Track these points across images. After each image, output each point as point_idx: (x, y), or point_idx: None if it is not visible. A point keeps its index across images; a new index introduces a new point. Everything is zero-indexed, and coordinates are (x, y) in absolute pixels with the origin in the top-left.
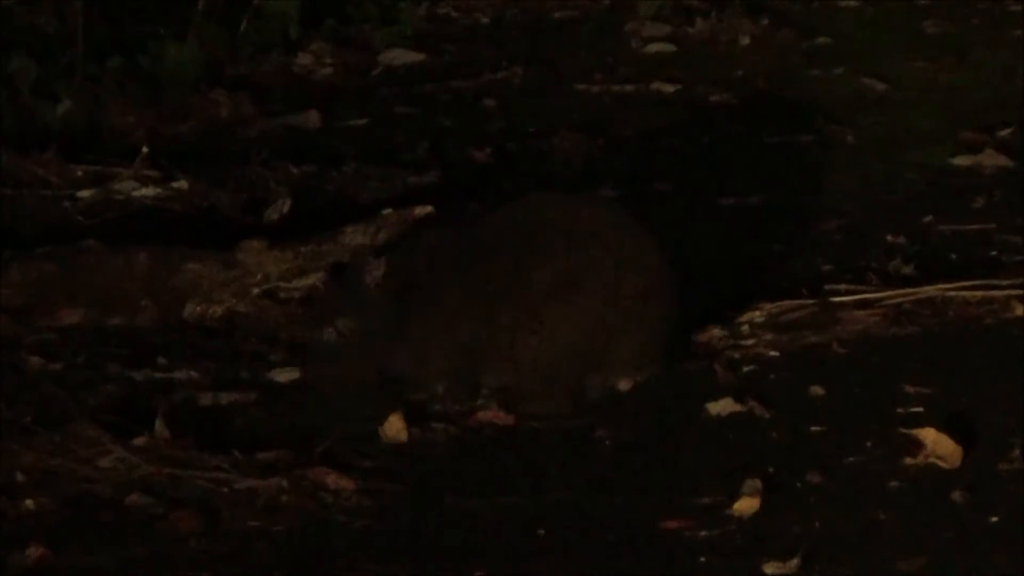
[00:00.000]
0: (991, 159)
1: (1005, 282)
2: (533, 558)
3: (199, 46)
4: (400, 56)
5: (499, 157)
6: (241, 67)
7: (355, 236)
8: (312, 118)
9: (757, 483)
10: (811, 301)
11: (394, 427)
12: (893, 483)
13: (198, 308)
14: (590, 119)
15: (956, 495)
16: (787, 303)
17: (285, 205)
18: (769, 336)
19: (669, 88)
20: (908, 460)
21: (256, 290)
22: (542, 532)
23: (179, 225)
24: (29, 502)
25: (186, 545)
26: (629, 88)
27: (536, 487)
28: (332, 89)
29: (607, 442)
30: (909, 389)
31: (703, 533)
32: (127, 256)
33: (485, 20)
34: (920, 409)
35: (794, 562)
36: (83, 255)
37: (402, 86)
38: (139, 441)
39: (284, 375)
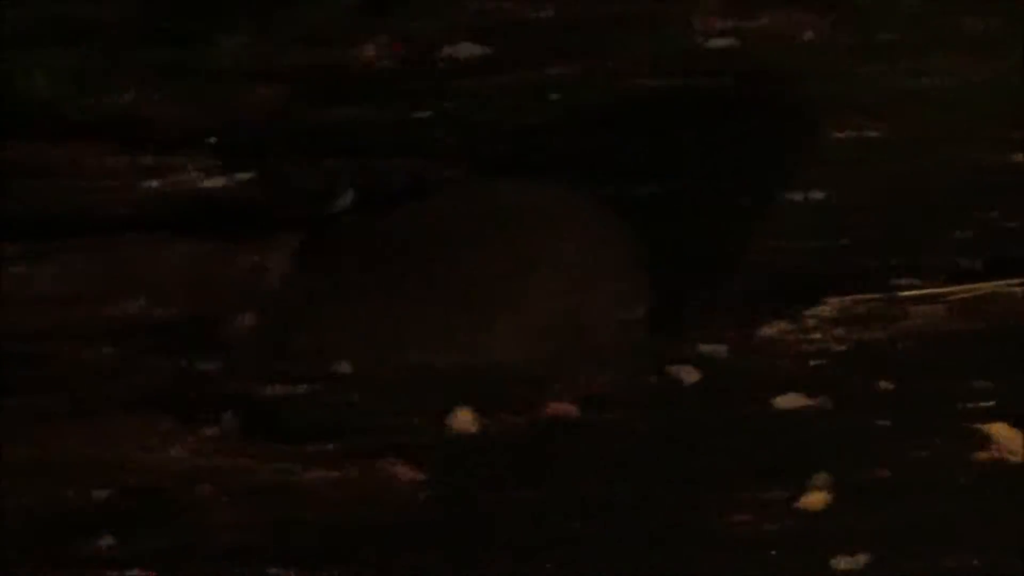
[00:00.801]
0: None
1: None
2: (600, 551)
3: (253, 38)
4: (463, 49)
5: (562, 151)
6: (296, 58)
7: None
8: (374, 111)
9: (825, 478)
10: (878, 296)
11: (463, 419)
12: (962, 478)
13: None
14: (652, 113)
15: None
16: (854, 297)
17: (348, 197)
18: (836, 330)
19: (732, 82)
20: (977, 455)
21: None
22: (609, 525)
23: (244, 216)
24: (99, 492)
25: (255, 535)
26: (692, 82)
27: (603, 480)
28: (395, 81)
29: (674, 436)
30: (977, 384)
31: (770, 527)
32: (190, 246)
33: (548, 14)
34: (989, 404)
35: (863, 557)
36: (150, 244)
37: (465, 79)
38: (208, 431)
39: (349, 366)
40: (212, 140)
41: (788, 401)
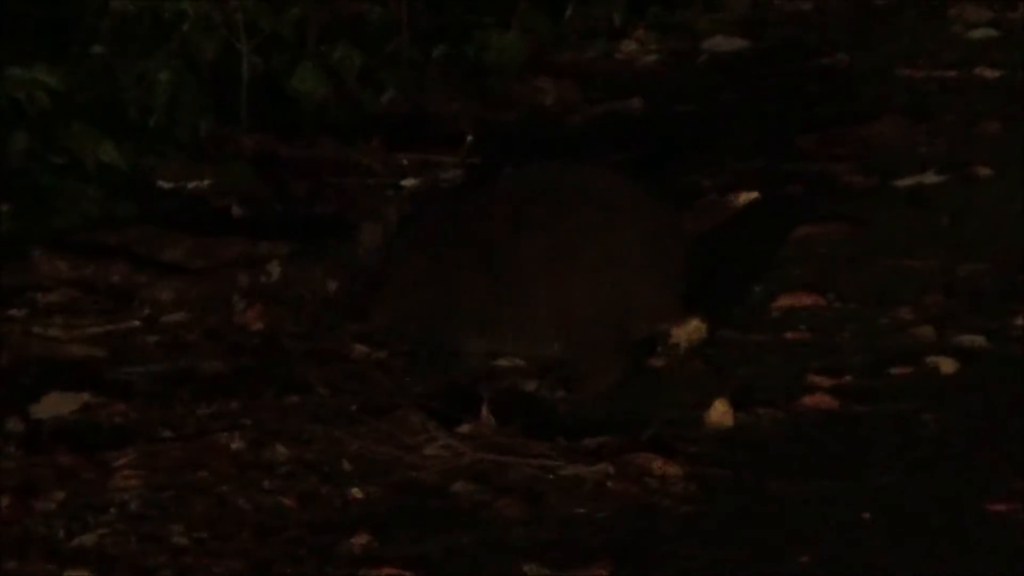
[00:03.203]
0: None
1: None
2: (858, 543)
3: (523, 34)
4: (723, 43)
5: (823, 143)
6: (565, 55)
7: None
8: (636, 105)
9: None
10: None
11: (719, 412)
12: None
13: None
14: (913, 104)
15: None
16: None
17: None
18: None
19: (992, 73)
20: None
21: None
22: (867, 516)
23: None
24: (356, 490)
25: (512, 532)
26: (952, 73)
27: (861, 471)
28: (656, 76)
29: (932, 425)
30: None
31: None
32: None
33: (807, 6)
34: None
35: None
36: None
37: (726, 72)
38: (465, 428)
39: None
40: (470, 138)
41: None
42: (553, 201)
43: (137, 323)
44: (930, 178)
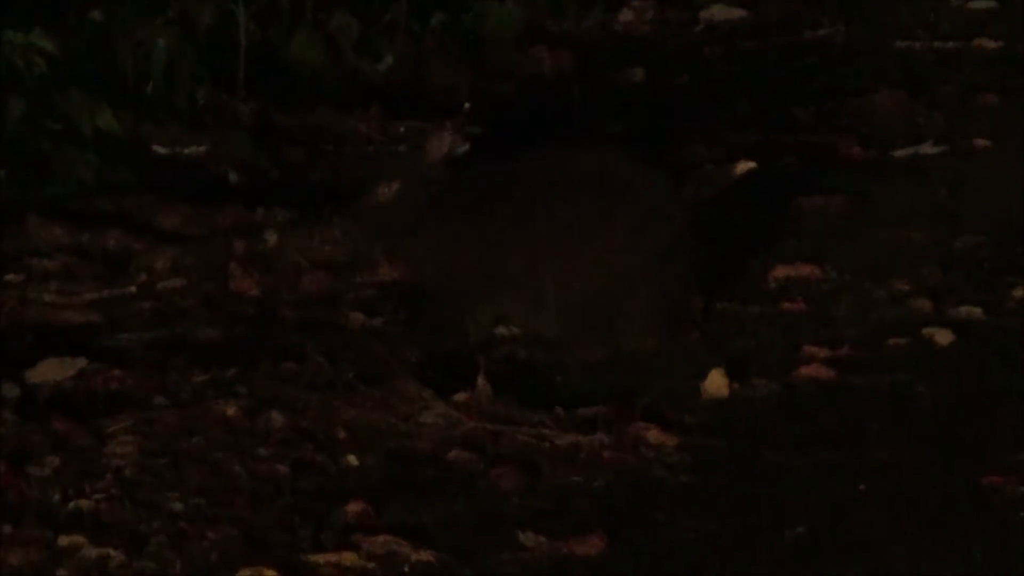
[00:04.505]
0: None
1: None
2: (854, 514)
3: (521, 4)
4: (721, 12)
5: (820, 115)
6: (563, 24)
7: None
8: (635, 75)
9: None
10: None
11: (715, 383)
12: None
13: None
14: (912, 76)
15: None
16: None
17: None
18: None
19: (991, 44)
20: None
21: None
22: (863, 488)
23: None
24: (351, 458)
25: (507, 501)
26: (951, 45)
27: (857, 443)
28: (653, 46)
29: (928, 397)
30: None
31: None
32: None
33: None
34: None
35: None
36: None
37: (723, 43)
38: (460, 397)
39: None
40: (467, 106)
41: None
42: (570, 185)
43: (133, 290)
44: (928, 150)
